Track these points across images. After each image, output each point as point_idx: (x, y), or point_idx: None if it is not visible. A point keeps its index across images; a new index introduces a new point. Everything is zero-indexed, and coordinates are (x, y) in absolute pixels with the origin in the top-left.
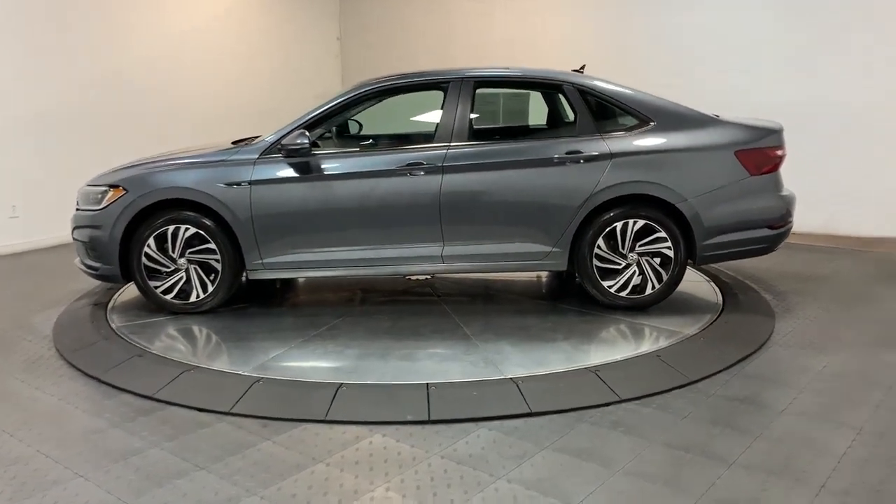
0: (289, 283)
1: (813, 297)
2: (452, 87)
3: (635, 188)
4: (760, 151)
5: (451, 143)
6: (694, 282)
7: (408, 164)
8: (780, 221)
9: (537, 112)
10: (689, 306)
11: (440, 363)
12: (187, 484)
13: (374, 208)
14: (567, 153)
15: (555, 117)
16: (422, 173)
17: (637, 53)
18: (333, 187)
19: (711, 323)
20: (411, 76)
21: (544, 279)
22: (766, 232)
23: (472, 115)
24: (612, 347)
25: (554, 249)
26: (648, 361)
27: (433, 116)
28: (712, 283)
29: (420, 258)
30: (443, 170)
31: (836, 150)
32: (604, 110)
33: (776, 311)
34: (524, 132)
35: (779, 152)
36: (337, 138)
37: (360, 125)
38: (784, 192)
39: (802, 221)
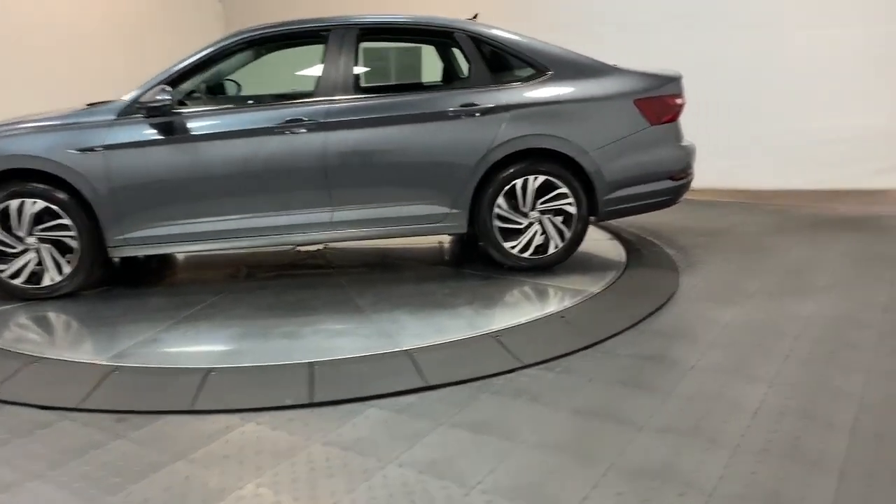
0: (166, 261)
1: (714, 250)
2: (334, 36)
3: (534, 142)
4: (660, 100)
5: (335, 98)
6: (597, 240)
7: (286, 121)
8: (681, 172)
9: (434, 70)
10: (594, 264)
11: (329, 339)
12: (11, 499)
13: (251, 172)
14: (462, 106)
15: (450, 74)
16: (303, 131)
17: (532, 2)
18: (202, 150)
19: (616, 280)
20: (287, 24)
21: (446, 244)
22: (668, 184)
23: (358, 67)
24: (516, 310)
25: (452, 211)
26: (553, 323)
27: (315, 70)
28: (616, 240)
29: (307, 226)
30: (327, 126)
31: (727, 104)
32: (499, 60)
33: (680, 265)
34: (417, 88)
35: (678, 100)
36: (210, 98)
37: (239, 85)
38: (684, 143)
39: (699, 176)
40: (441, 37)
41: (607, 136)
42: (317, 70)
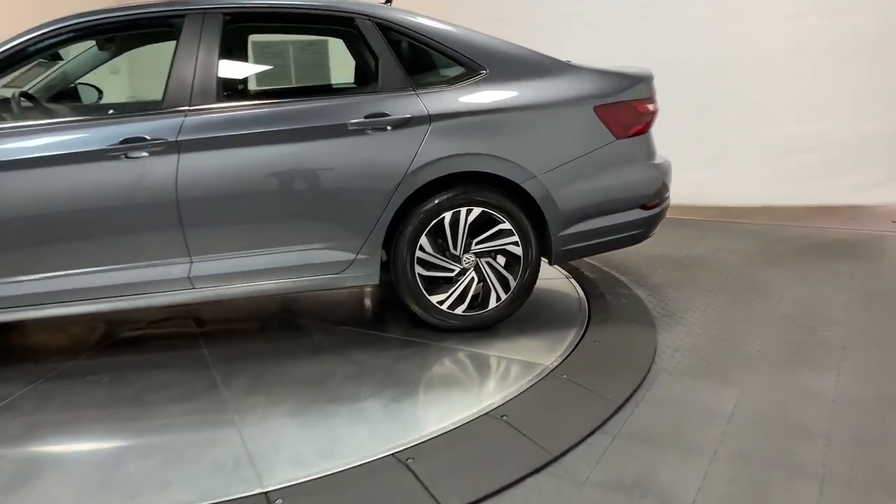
0: None
1: (694, 289)
2: (190, 24)
3: (465, 164)
4: (627, 106)
5: (192, 108)
6: (550, 280)
7: (122, 142)
8: (655, 198)
9: (346, 71)
10: (546, 319)
11: (159, 470)
12: None
13: (73, 213)
14: (367, 117)
15: (365, 75)
16: (144, 154)
17: None
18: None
19: (576, 343)
20: (126, 9)
21: (367, 290)
22: (639, 214)
23: (230, 66)
24: (440, 406)
25: (359, 257)
26: (490, 429)
27: (167, 71)
28: (572, 280)
29: (155, 283)
30: (178, 147)
31: (695, 107)
32: (418, 56)
33: (655, 313)
34: (312, 93)
35: (650, 106)
36: (43, 111)
37: (100, 92)
38: (658, 160)
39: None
40: (341, 25)
41: (560, 155)
42: (168, 71)
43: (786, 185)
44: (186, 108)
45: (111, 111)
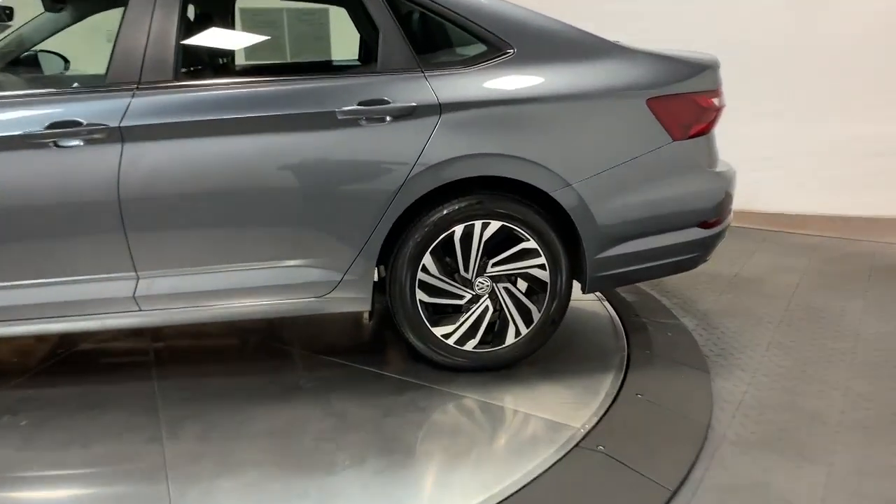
0: None
1: (751, 318)
2: None
3: (484, 166)
4: (688, 99)
5: (142, 86)
6: (579, 300)
7: (51, 126)
8: (716, 214)
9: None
10: (576, 356)
11: None
12: None
13: None
14: (362, 104)
15: (369, 51)
16: (78, 142)
17: None
18: None
19: (614, 397)
20: None
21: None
22: (696, 233)
23: (192, 33)
24: (436, 490)
25: (346, 277)
26: None
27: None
28: (605, 303)
29: (91, 304)
30: (122, 135)
31: (747, 98)
32: (429, 30)
33: (707, 351)
34: (303, 71)
35: (715, 101)
36: None
37: (66, 61)
38: (721, 167)
39: None
40: None
41: (603, 159)
42: (115, 37)
43: (851, 192)
44: (135, 85)
45: (43, 90)
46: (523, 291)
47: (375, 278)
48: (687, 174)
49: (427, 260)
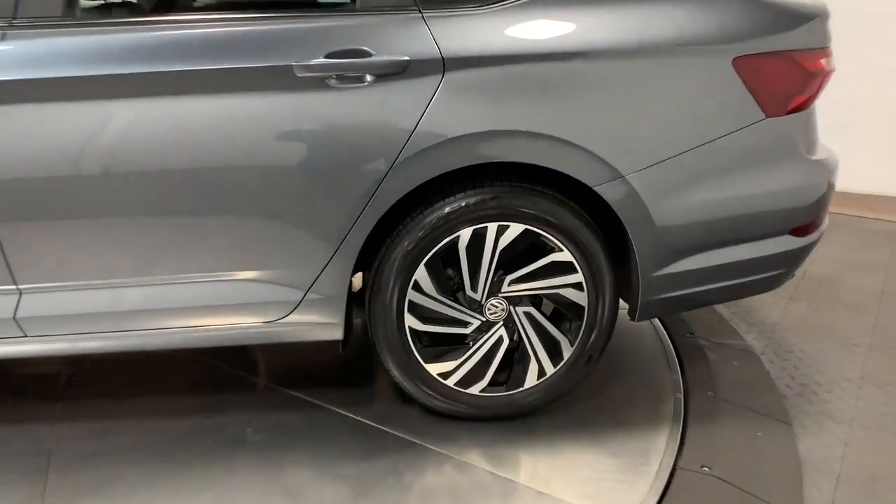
0: None
1: (833, 337)
2: None
3: (502, 148)
4: (790, 60)
5: (15, 23)
6: None
7: None
8: (812, 216)
9: None
10: (616, 398)
11: None
12: None
13: None
14: (331, 56)
15: None
16: None
17: None
18: None
19: (671, 472)
20: None
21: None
22: (786, 243)
23: None
24: None
25: (309, 296)
26: None
27: None
28: (653, 324)
29: None
30: None
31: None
32: None
33: (784, 389)
34: (251, 6)
35: (822, 62)
36: None
37: None
38: (820, 154)
39: None
40: None
41: (670, 142)
42: None
43: None
44: (6, 21)
45: None
46: (550, 317)
47: (355, 287)
48: (780, 163)
49: (421, 275)
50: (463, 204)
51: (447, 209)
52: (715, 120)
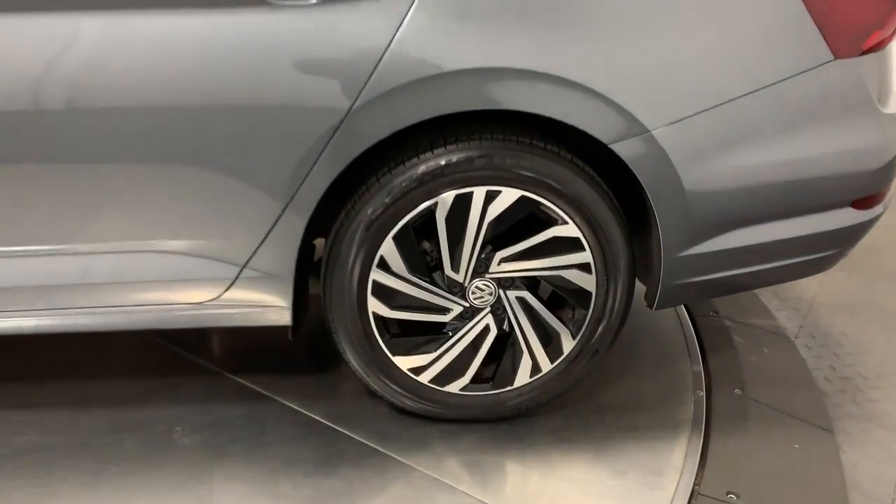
0: None
1: (880, 320)
2: None
3: (497, 92)
4: None
5: None
6: None
7: None
8: (879, 185)
9: None
10: (621, 404)
11: None
12: None
13: None
14: None
15: None
16: None
17: None
18: None
19: (690, 499)
20: None
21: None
22: (846, 217)
23: None
24: None
25: (246, 273)
26: None
27: None
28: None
29: None
30: None
31: None
32: None
33: (826, 388)
34: None
35: None
36: None
37: None
38: (894, 108)
39: None
40: None
41: (711, 87)
42: None
43: None
44: None
45: None
46: (548, 303)
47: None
48: (847, 118)
49: (388, 249)
50: (443, 163)
51: (422, 169)
52: (769, 61)
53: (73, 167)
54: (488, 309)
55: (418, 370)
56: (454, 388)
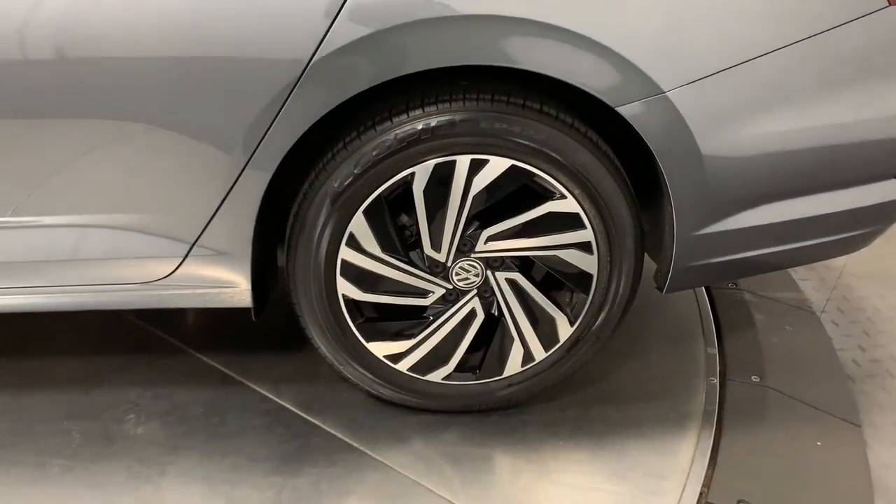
0: None
1: None
2: None
3: (485, 46)
4: None
5: None
6: None
7: None
8: None
9: None
10: (622, 394)
11: None
12: None
13: None
14: None
15: None
16: None
17: None
18: None
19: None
20: None
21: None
22: (889, 190)
23: None
24: None
25: (197, 249)
26: None
27: None
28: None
29: None
30: None
31: None
32: None
33: (854, 372)
34: None
35: None
36: None
37: None
38: None
39: None
40: None
41: (739, 40)
42: None
43: None
44: None
45: None
46: (542, 284)
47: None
48: None
49: (358, 225)
50: (420, 127)
51: (396, 133)
52: (812, 7)
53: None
54: (474, 292)
55: (396, 357)
56: (436, 377)
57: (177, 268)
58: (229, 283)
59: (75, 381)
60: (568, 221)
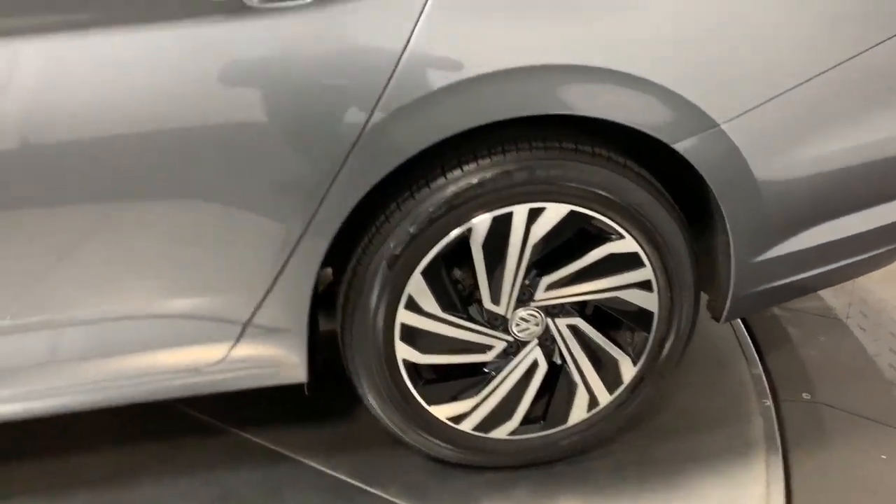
0: None
1: None
2: None
3: (540, 94)
4: None
5: None
6: None
7: None
8: None
9: None
10: (675, 427)
11: None
12: None
13: None
14: None
15: None
16: None
17: None
18: None
19: None
20: None
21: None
22: None
23: None
24: None
25: (250, 330)
26: None
27: None
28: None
29: None
30: None
31: None
32: None
33: (892, 376)
34: None
35: None
36: None
37: None
38: None
39: None
40: None
41: (794, 63)
42: None
43: None
44: None
45: None
46: (601, 326)
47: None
48: None
49: (416, 286)
50: (475, 181)
51: (451, 189)
52: (869, 21)
53: (22, 218)
54: (535, 341)
55: (459, 418)
56: (501, 433)
57: (230, 351)
58: (285, 361)
59: (120, 475)
60: (627, 262)
